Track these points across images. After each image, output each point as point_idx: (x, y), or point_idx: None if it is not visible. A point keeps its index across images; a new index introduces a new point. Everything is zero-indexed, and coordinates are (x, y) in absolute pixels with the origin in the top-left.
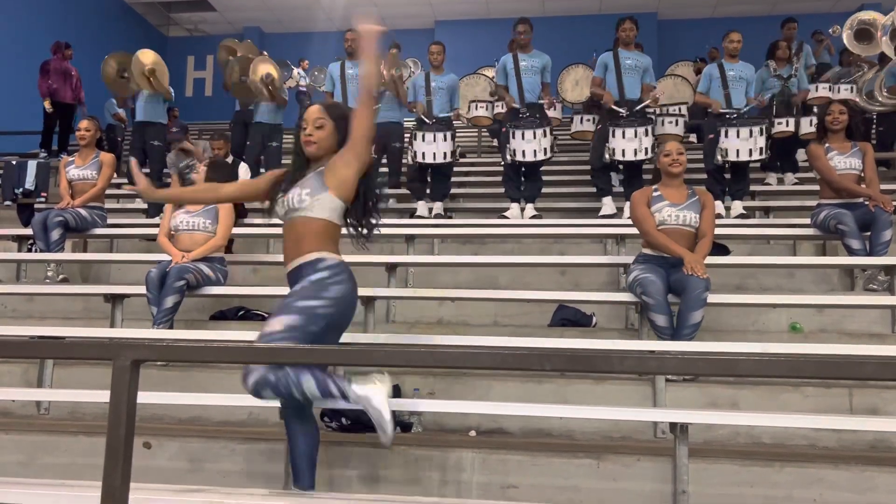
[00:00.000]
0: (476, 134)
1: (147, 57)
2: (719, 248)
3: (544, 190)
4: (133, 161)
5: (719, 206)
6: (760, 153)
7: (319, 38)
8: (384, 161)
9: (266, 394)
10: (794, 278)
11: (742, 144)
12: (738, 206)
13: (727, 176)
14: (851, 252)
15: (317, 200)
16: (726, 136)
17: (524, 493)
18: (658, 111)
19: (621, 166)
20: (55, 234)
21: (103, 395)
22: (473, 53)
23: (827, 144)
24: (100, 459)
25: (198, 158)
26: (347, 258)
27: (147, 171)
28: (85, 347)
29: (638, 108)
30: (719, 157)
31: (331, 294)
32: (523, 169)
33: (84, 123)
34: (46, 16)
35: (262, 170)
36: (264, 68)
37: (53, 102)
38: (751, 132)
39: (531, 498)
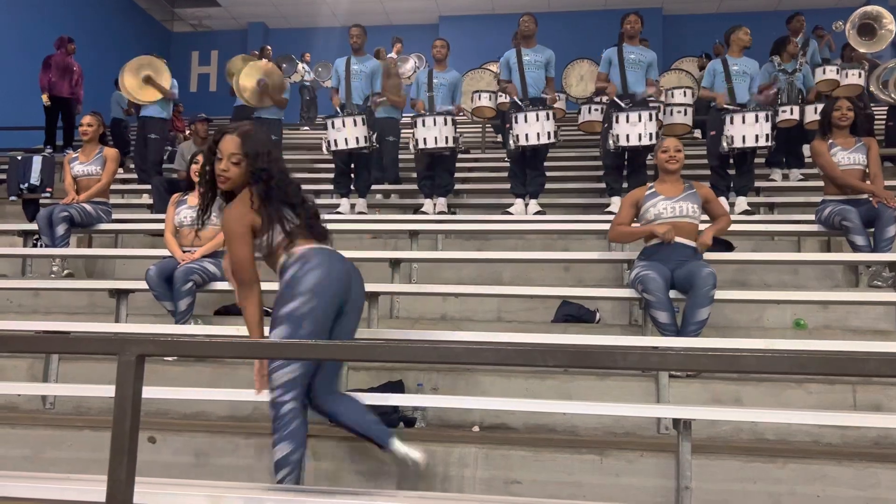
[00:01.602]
0: (480, 130)
1: (135, 72)
2: (723, 244)
3: (548, 186)
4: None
5: (723, 203)
6: (766, 139)
7: (324, 33)
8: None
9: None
10: (798, 274)
11: (748, 130)
12: (742, 202)
13: (731, 172)
14: (856, 248)
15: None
16: (731, 122)
17: (527, 488)
18: (665, 100)
19: (626, 161)
20: (60, 230)
21: (108, 390)
22: (477, 49)
23: (830, 140)
24: (105, 454)
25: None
26: (348, 254)
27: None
28: (90, 342)
29: (640, 97)
30: (725, 145)
31: (305, 287)
32: (527, 160)
33: (87, 119)
34: (50, 11)
35: None
36: (253, 76)
37: (51, 97)
38: (756, 117)
39: (534, 493)
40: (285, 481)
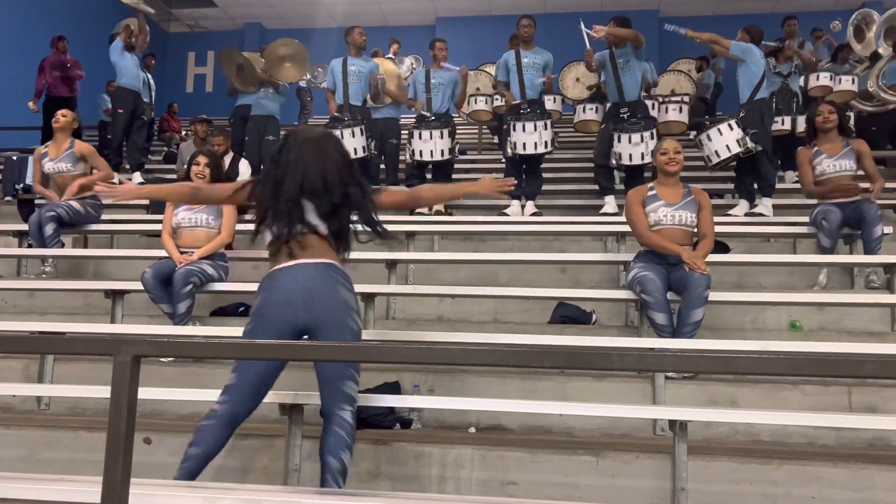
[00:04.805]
0: (477, 131)
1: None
2: (719, 246)
3: (545, 187)
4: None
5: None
6: (546, 147)
7: (321, 34)
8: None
9: None
10: (793, 276)
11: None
12: (767, 204)
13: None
14: (821, 249)
15: None
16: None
17: (523, 489)
18: (661, 99)
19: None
20: (49, 230)
21: (104, 391)
22: (474, 50)
23: (816, 147)
24: (100, 455)
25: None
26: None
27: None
28: (86, 343)
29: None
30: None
31: (252, 310)
32: (524, 166)
33: (63, 110)
34: (46, 11)
35: (262, 165)
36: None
37: (50, 98)
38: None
39: (530, 494)
40: (179, 469)
